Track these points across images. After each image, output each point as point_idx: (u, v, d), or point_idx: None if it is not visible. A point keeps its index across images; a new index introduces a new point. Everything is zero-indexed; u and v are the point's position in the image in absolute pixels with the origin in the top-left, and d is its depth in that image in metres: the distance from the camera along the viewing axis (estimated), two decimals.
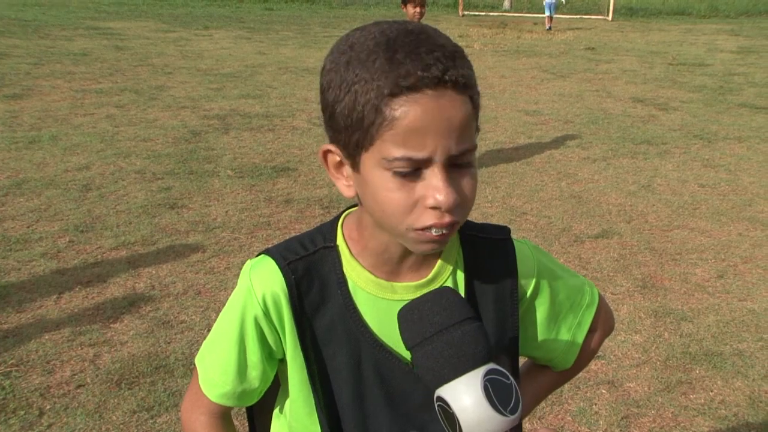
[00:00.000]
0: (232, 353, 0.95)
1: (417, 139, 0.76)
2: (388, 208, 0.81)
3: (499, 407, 0.72)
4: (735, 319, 3.51)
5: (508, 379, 0.76)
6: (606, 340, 3.40)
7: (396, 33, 0.78)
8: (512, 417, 0.73)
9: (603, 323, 1.12)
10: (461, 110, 0.77)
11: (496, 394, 0.73)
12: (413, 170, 0.78)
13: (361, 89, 0.77)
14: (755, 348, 3.25)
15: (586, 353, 1.10)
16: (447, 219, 0.80)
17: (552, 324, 1.04)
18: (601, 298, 1.10)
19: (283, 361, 0.97)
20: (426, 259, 0.94)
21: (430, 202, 0.79)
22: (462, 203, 0.81)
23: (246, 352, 0.95)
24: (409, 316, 0.78)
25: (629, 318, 3.48)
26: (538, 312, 1.03)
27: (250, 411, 1.10)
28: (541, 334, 1.04)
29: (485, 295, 0.97)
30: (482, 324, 0.78)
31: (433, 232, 0.81)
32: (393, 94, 0.75)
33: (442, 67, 0.75)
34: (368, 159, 0.81)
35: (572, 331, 1.06)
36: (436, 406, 0.76)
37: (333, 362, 0.93)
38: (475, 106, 0.80)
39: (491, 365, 0.75)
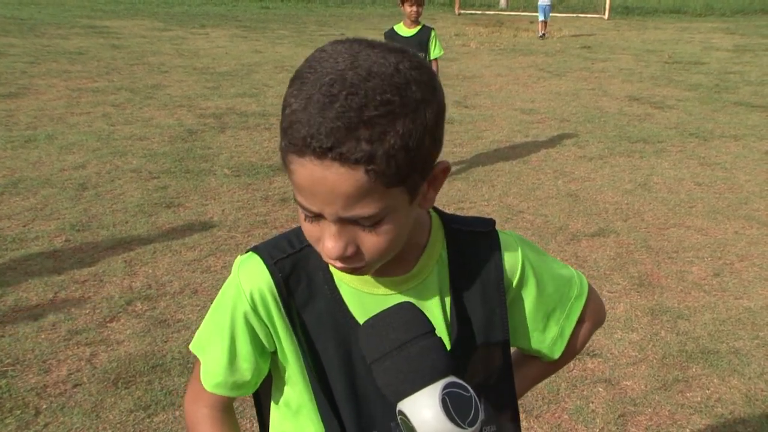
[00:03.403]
0: (224, 345, 0.97)
1: (307, 196, 0.79)
2: (305, 234, 0.88)
3: (458, 420, 0.75)
4: (731, 317, 3.52)
5: (468, 391, 0.78)
6: (602, 339, 3.39)
7: (332, 78, 0.75)
8: (470, 429, 0.76)
9: (593, 314, 1.12)
10: (347, 184, 0.75)
11: (454, 407, 0.75)
12: (314, 215, 0.82)
13: (281, 124, 0.79)
14: (751, 346, 3.26)
15: (575, 344, 1.11)
16: (339, 265, 0.85)
17: (540, 315, 1.05)
18: (590, 289, 1.10)
19: (275, 354, 0.99)
20: (409, 254, 0.95)
21: (322, 246, 0.84)
22: (358, 256, 0.83)
23: (236, 345, 0.97)
24: (368, 332, 0.81)
25: (626, 316, 3.49)
26: (525, 302, 1.03)
27: (258, 403, 1.12)
28: (529, 324, 1.05)
29: (471, 287, 0.98)
30: (440, 338, 0.80)
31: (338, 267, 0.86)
32: (287, 150, 0.78)
33: (332, 141, 0.73)
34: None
35: (560, 323, 1.06)
36: (398, 419, 0.79)
37: (325, 356, 0.95)
38: (378, 177, 0.75)
39: (450, 378, 0.78)
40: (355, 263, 0.84)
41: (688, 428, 2.69)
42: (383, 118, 0.74)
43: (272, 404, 1.07)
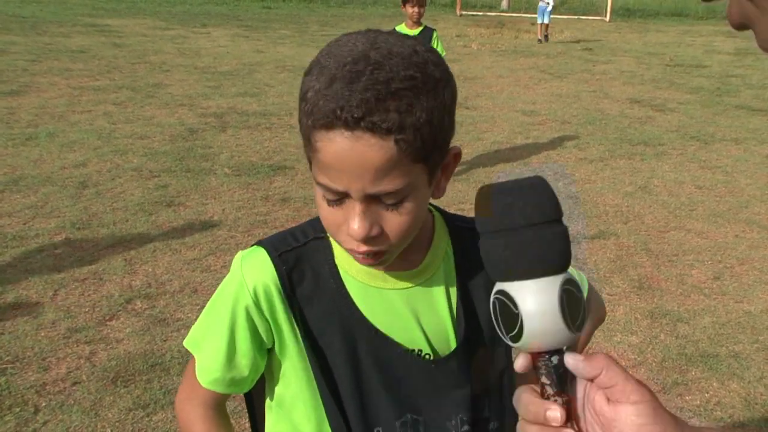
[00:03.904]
0: (223, 341, 0.96)
1: (333, 173, 0.80)
2: (324, 222, 0.88)
3: (569, 321, 0.66)
4: (731, 321, 3.52)
5: (580, 292, 0.69)
6: (602, 341, 3.38)
7: (354, 57, 0.78)
8: (577, 334, 0.68)
9: (593, 313, 1.11)
10: (378, 155, 0.77)
11: (569, 306, 0.67)
12: (337, 197, 0.82)
13: (303, 109, 0.80)
14: (751, 350, 3.26)
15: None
16: (363, 249, 0.84)
17: None
18: (591, 288, 1.11)
19: (272, 351, 0.98)
20: (415, 249, 0.96)
21: (346, 229, 0.83)
22: (382, 237, 0.84)
23: (236, 341, 0.96)
24: (498, 199, 0.69)
25: (625, 319, 3.49)
26: None
27: (251, 405, 1.11)
28: None
29: (476, 283, 0.98)
30: (567, 228, 0.71)
31: (356, 255, 0.86)
32: (314, 127, 0.78)
33: (363, 111, 0.75)
34: (313, 171, 0.85)
35: None
36: (492, 298, 0.70)
37: (331, 350, 0.94)
38: (407, 148, 0.77)
39: (569, 274, 0.68)
40: (379, 245, 0.84)
41: None
42: (409, 92, 0.77)
43: (266, 405, 1.06)
